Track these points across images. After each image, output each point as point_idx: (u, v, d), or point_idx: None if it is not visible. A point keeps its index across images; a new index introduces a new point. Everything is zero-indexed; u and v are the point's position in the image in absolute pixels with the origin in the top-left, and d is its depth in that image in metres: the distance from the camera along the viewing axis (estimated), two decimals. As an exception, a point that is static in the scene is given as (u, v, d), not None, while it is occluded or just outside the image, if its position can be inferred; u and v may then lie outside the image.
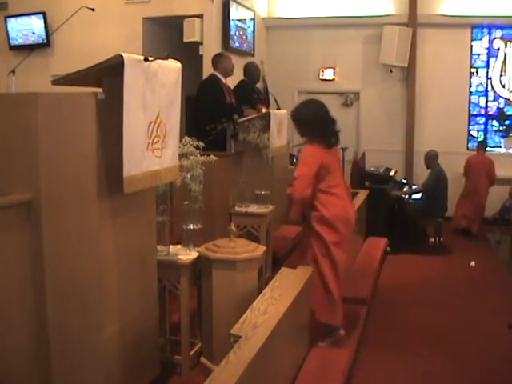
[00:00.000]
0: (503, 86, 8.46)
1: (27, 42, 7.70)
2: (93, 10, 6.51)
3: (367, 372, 3.61)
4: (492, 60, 8.43)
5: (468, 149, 8.56)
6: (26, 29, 7.65)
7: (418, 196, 7.00)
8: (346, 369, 3.25)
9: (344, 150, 7.94)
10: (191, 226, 3.53)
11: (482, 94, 8.55)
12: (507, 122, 8.47)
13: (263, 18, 8.81)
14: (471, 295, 5.18)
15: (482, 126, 8.62)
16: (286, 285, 3.07)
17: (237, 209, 5.00)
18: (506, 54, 8.39)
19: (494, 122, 8.58)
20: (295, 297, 2.88)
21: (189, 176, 3.43)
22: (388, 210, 6.62)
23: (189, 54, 6.29)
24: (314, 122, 3.62)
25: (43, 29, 7.55)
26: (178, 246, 3.54)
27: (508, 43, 8.36)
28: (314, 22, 8.66)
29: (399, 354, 3.90)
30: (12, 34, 7.71)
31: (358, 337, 3.94)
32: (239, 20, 7.64)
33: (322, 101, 3.78)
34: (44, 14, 7.48)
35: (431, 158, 6.90)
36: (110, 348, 2.71)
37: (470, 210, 7.55)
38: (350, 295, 4.21)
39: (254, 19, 8.15)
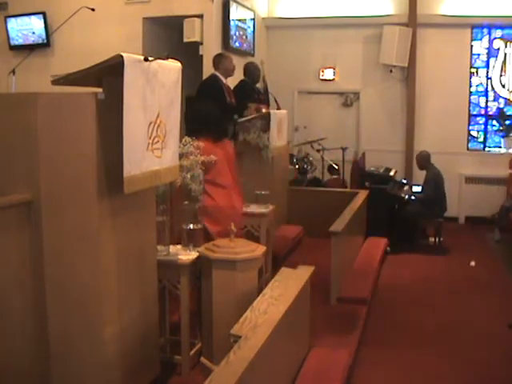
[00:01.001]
0: (503, 86, 8.45)
1: (27, 42, 7.69)
2: (93, 10, 6.51)
3: (367, 371, 3.61)
4: (492, 60, 8.42)
5: (468, 149, 8.57)
6: (26, 29, 7.64)
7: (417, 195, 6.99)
8: (346, 368, 3.25)
9: (344, 149, 7.98)
10: (191, 226, 3.54)
11: (482, 94, 8.55)
12: (507, 122, 8.46)
13: (263, 18, 8.81)
14: (471, 295, 5.18)
15: (482, 126, 8.61)
16: (286, 285, 3.07)
17: (237, 209, 5.00)
18: (506, 54, 8.38)
19: (494, 122, 8.57)
20: (295, 297, 2.88)
21: (189, 176, 3.44)
22: (388, 209, 6.62)
23: (189, 54, 6.29)
24: (195, 119, 4.01)
25: (43, 29, 7.54)
26: (178, 246, 3.54)
27: (508, 43, 8.35)
28: (314, 21, 8.66)
29: (399, 353, 3.90)
30: (12, 34, 7.70)
31: (358, 336, 3.94)
32: (239, 20, 7.63)
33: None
34: (44, 14, 7.47)
35: (424, 159, 6.84)
36: (110, 348, 2.71)
37: None
38: (350, 295, 4.21)
39: (254, 19, 8.14)
